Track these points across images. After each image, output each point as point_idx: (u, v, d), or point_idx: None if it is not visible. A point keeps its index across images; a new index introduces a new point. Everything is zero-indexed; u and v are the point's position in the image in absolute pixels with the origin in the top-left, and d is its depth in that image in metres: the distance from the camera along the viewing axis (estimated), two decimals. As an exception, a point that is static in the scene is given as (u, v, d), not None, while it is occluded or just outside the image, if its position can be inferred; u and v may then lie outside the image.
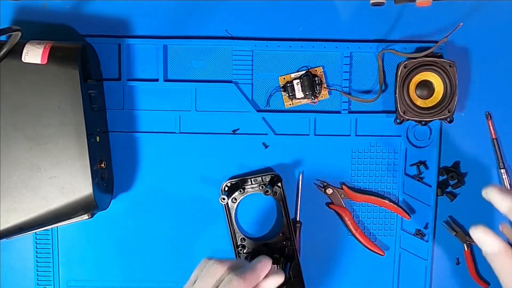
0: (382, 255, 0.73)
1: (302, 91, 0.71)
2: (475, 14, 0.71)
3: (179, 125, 0.72)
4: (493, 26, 0.71)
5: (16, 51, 0.63)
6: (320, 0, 0.71)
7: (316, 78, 0.71)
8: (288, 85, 0.71)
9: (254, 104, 0.72)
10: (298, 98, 0.71)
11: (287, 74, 0.72)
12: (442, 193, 0.73)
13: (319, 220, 0.74)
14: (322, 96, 0.72)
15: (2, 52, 0.62)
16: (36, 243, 0.73)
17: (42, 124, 0.63)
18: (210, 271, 0.54)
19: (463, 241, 0.73)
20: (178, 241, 0.74)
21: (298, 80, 0.71)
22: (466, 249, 0.73)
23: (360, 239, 0.73)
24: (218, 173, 0.72)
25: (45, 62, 0.62)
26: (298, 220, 0.73)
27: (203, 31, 0.71)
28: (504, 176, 0.72)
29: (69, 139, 0.63)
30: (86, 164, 0.63)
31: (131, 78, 0.72)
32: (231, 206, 0.72)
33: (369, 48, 0.71)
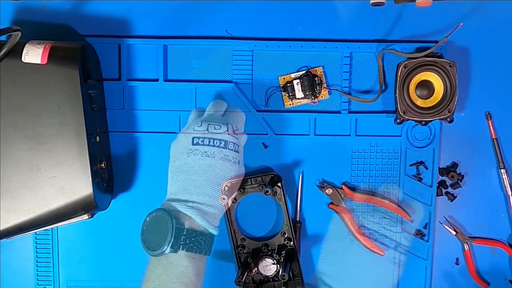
0: (382, 255, 0.73)
1: (302, 91, 0.71)
2: (475, 14, 0.71)
3: (179, 125, 0.72)
4: (493, 26, 0.71)
5: (16, 51, 0.63)
6: (320, 0, 0.71)
7: (316, 78, 0.71)
8: (288, 85, 0.71)
9: (254, 104, 0.72)
10: (298, 98, 0.71)
11: (287, 74, 0.72)
12: (442, 193, 0.73)
13: (319, 220, 0.74)
14: (322, 96, 0.72)
15: (2, 52, 0.62)
16: (36, 243, 0.73)
17: (42, 124, 0.63)
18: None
19: (463, 241, 0.73)
20: (178, 241, 0.73)
21: (298, 80, 0.70)
22: (466, 249, 0.73)
23: (360, 239, 0.73)
24: (218, 173, 0.73)
25: (45, 62, 0.62)
26: (298, 220, 0.73)
27: (203, 31, 0.71)
28: (504, 176, 0.72)
29: (69, 139, 0.63)
30: (86, 164, 0.63)
31: (131, 78, 0.72)
32: (231, 206, 0.72)
33: (369, 48, 0.71)
